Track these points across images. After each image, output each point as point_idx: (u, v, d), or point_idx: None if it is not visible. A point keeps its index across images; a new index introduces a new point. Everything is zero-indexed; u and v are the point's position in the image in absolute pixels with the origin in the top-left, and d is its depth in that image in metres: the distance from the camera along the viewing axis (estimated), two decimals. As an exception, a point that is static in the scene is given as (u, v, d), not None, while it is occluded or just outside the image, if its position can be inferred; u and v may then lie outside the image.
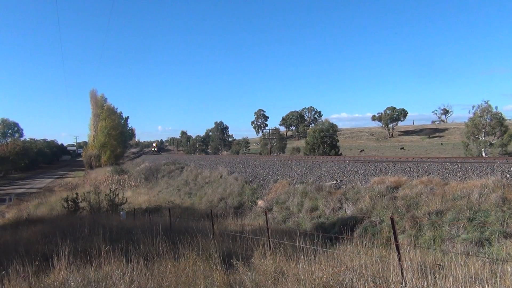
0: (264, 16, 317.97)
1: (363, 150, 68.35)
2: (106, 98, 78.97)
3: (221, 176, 27.14)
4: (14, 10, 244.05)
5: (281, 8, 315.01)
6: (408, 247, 6.69)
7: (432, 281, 4.34)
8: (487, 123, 38.18)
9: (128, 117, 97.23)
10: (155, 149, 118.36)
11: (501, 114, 38.65)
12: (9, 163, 67.52)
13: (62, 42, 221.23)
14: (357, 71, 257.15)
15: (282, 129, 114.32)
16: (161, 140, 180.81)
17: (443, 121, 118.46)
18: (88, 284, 5.17)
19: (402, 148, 69.12)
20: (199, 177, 30.24)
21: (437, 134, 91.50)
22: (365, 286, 4.43)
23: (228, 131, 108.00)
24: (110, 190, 19.99)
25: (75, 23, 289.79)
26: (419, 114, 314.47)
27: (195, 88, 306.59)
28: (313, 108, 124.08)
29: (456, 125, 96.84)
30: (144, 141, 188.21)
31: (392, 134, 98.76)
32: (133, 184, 38.62)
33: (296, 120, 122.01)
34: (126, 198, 20.72)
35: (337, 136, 46.78)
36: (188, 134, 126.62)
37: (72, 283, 5.16)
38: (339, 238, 9.21)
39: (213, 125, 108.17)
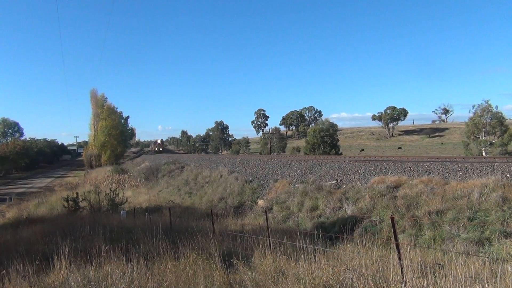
0: (264, 16, 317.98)
1: (363, 150, 68.35)
2: (106, 98, 79.15)
3: (221, 176, 27.14)
4: (14, 10, 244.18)
5: (281, 8, 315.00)
6: (408, 247, 6.68)
7: (432, 281, 4.34)
8: (487, 123, 38.21)
9: (128, 116, 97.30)
10: (160, 148, 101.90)
11: (501, 113, 38.73)
12: (10, 163, 67.59)
13: (62, 42, 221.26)
14: (357, 71, 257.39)
15: (282, 128, 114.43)
16: (161, 139, 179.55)
17: (443, 120, 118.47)
18: (88, 283, 5.17)
19: (399, 148, 69.02)
20: (199, 177, 30.23)
21: (437, 134, 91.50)
22: (365, 286, 4.43)
23: (228, 130, 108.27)
24: (111, 190, 19.98)
25: (75, 23, 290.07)
26: (419, 114, 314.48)
27: (195, 88, 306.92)
28: (313, 107, 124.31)
29: (456, 124, 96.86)
30: (144, 141, 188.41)
31: (392, 134, 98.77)
32: (133, 183, 38.62)
33: (296, 119, 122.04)
34: (126, 198, 20.71)
35: (337, 136, 46.78)
36: (188, 133, 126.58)
37: (72, 283, 5.16)
38: (339, 237, 9.21)
39: (213, 125, 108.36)
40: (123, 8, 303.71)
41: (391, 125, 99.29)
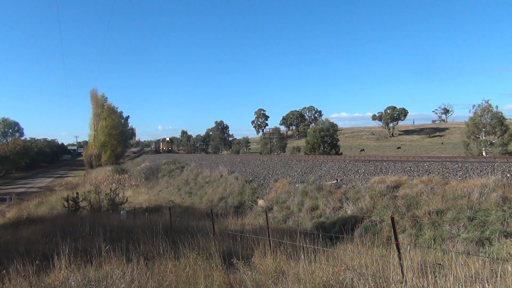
0: (264, 16, 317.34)
1: (363, 150, 68.30)
2: (106, 98, 79.01)
3: (221, 176, 27.14)
4: (14, 9, 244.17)
5: (281, 8, 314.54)
6: (409, 247, 6.68)
7: (433, 281, 4.34)
8: (487, 123, 38.14)
9: (128, 116, 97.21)
10: (170, 147, 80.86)
11: (502, 113, 38.64)
12: (10, 163, 67.56)
13: (62, 41, 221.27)
14: (357, 71, 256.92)
15: (283, 128, 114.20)
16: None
17: (443, 120, 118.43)
18: (88, 283, 5.17)
19: (399, 148, 68.88)
20: (199, 177, 30.24)
21: (437, 134, 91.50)
22: (366, 286, 4.43)
23: (228, 130, 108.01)
24: (111, 190, 19.98)
25: (76, 22, 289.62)
26: (420, 114, 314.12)
27: (195, 88, 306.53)
28: (313, 107, 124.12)
29: (456, 124, 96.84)
30: (144, 141, 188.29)
31: (392, 134, 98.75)
32: (133, 183, 38.60)
33: (296, 119, 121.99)
34: (127, 198, 20.70)
35: (337, 136, 46.72)
36: (189, 133, 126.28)
37: (72, 282, 5.17)
38: (340, 237, 9.22)
39: (213, 125, 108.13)
40: (123, 8, 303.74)
41: (391, 125, 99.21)
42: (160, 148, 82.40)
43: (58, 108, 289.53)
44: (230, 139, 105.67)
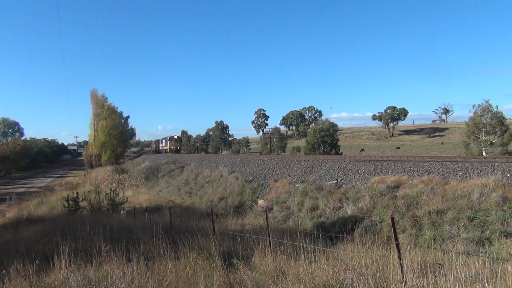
0: (264, 16, 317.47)
1: (363, 150, 68.27)
2: (106, 98, 79.04)
3: (221, 176, 27.13)
4: (14, 9, 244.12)
5: (281, 8, 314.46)
6: (409, 247, 6.69)
7: (433, 280, 4.34)
8: (487, 123, 38.11)
9: (128, 116, 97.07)
10: (178, 147, 70.97)
11: (502, 113, 38.60)
12: (10, 163, 67.63)
13: (62, 41, 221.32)
14: (357, 71, 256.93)
15: (283, 128, 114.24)
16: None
17: (443, 120, 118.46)
18: (88, 283, 5.17)
19: (398, 148, 68.79)
20: (199, 177, 30.23)
21: (437, 134, 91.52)
22: (366, 286, 4.43)
23: (228, 130, 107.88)
24: (111, 190, 19.98)
25: (76, 22, 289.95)
26: (420, 114, 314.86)
27: (195, 88, 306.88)
28: (313, 107, 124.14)
29: (456, 124, 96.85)
30: (144, 141, 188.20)
31: (392, 134, 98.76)
32: (133, 183, 38.60)
33: (296, 119, 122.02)
34: (127, 198, 20.70)
35: (337, 136, 46.71)
36: (189, 133, 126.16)
37: (72, 282, 5.17)
38: (340, 237, 9.21)
39: (213, 125, 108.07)
40: (124, 8, 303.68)
41: (391, 125, 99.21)
42: (167, 147, 71.26)
43: (58, 108, 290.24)
44: (230, 139, 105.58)
